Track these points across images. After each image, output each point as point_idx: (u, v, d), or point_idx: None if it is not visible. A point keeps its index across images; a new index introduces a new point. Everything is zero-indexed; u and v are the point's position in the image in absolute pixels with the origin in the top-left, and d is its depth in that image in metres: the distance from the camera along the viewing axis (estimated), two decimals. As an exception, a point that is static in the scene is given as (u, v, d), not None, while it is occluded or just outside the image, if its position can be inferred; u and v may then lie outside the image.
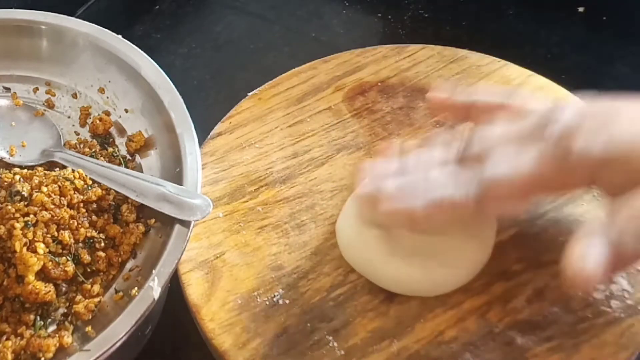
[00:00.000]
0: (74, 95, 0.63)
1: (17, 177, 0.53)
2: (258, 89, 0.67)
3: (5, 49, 0.63)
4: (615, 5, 0.78)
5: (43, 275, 0.50)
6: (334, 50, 0.70)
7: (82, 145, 0.60)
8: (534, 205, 0.56)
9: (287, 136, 0.64)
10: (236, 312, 0.53)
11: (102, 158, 0.58)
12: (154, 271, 0.49)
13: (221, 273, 0.55)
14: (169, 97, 0.57)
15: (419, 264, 0.52)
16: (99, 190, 0.54)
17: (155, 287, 0.48)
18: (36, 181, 0.52)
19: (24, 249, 0.49)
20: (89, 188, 0.54)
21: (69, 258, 0.51)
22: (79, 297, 0.51)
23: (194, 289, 0.54)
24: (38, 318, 0.50)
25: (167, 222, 0.52)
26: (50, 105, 0.63)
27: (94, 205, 0.54)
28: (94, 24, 0.62)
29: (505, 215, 0.53)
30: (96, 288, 0.51)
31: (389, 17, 0.82)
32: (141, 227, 0.54)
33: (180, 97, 0.57)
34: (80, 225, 0.52)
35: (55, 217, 0.51)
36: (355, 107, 0.66)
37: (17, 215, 0.50)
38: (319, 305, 0.53)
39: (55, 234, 0.50)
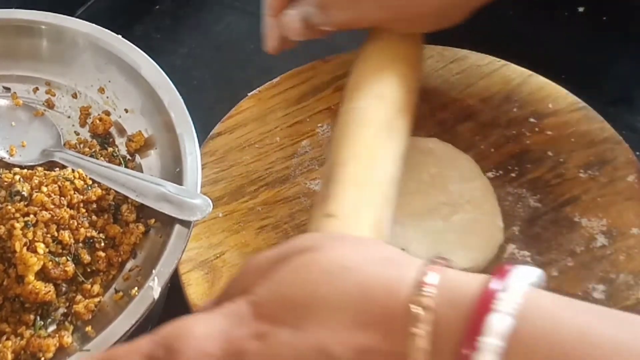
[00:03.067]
0: (74, 95, 0.63)
1: (17, 177, 0.53)
2: (258, 89, 0.67)
3: (5, 49, 0.63)
4: (615, 5, 0.78)
5: (43, 275, 0.50)
6: (334, 50, 0.70)
7: (82, 145, 0.60)
8: None
9: (287, 136, 0.64)
10: (236, 312, 0.53)
11: (102, 158, 0.58)
12: (154, 271, 0.49)
13: (221, 273, 0.55)
14: (169, 97, 0.57)
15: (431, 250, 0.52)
16: (99, 190, 0.54)
17: (155, 287, 0.48)
18: (36, 181, 0.52)
19: (24, 249, 0.49)
20: (89, 188, 0.53)
21: (69, 258, 0.51)
22: (79, 297, 0.51)
23: (194, 289, 0.54)
24: (38, 318, 0.50)
25: (167, 222, 0.52)
26: (50, 105, 0.63)
27: (94, 205, 0.54)
28: (94, 24, 0.62)
29: None
30: (96, 288, 0.51)
31: (389, 17, 0.82)
32: (141, 227, 0.54)
33: (180, 97, 0.57)
34: (80, 225, 0.52)
35: (55, 217, 0.51)
36: (355, 107, 0.65)
37: (17, 215, 0.50)
38: (319, 305, 0.53)
39: (55, 234, 0.50)
